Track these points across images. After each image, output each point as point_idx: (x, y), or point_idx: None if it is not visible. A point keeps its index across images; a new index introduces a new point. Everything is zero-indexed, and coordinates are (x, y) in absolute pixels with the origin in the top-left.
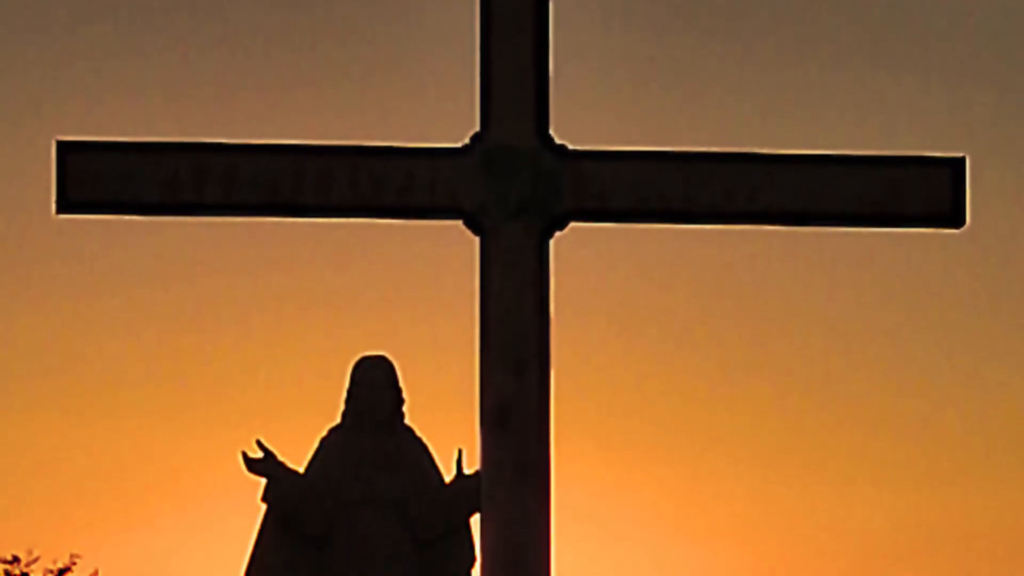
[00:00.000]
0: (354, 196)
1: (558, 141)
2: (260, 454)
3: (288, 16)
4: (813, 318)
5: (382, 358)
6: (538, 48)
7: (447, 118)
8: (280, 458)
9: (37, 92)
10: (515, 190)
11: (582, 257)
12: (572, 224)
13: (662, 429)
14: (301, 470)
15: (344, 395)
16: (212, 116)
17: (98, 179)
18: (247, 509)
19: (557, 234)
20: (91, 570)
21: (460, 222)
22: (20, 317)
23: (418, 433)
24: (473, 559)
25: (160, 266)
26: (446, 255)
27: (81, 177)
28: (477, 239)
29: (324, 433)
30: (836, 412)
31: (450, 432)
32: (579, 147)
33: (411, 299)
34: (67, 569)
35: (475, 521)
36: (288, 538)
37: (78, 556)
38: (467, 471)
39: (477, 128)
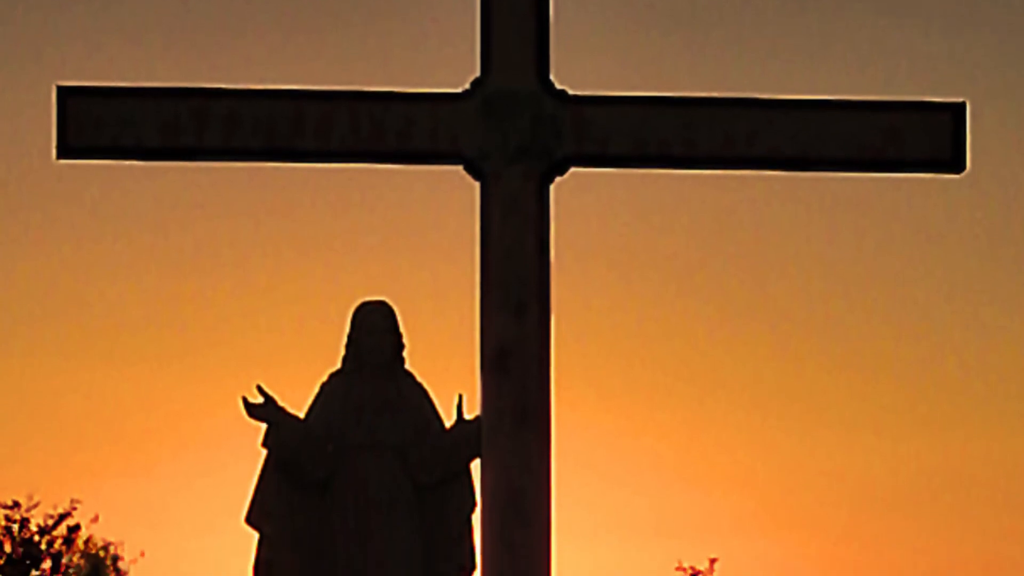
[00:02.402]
0: (354, 141)
1: (558, 86)
2: (260, 399)
3: None
4: (813, 263)
5: (382, 303)
6: None
7: (448, 63)
8: (280, 403)
9: (37, 38)
10: (515, 135)
11: (582, 202)
12: (572, 169)
13: (662, 374)
14: (301, 415)
15: (344, 340)
16: (212, 61)
17: (98, 124)
18: (247, 454)
19: (558, 179)
20: (91, 515)
21: (460, 167)
22: (20, 262)
23: (418, 378)
24: (474, 504)
25: (160, 211)
26: (446, 200)
27: (81, 122)
28: (477, 184)
29: (324, 378)
30: (836, 357)
31: (450, 377)
32: (579, 92)
33: (411, 244)
34: (67, 514)
35: (476, 466)
36: (288, 483)
37: (78, 501)
38: (467, 416)
39: (478, 73)
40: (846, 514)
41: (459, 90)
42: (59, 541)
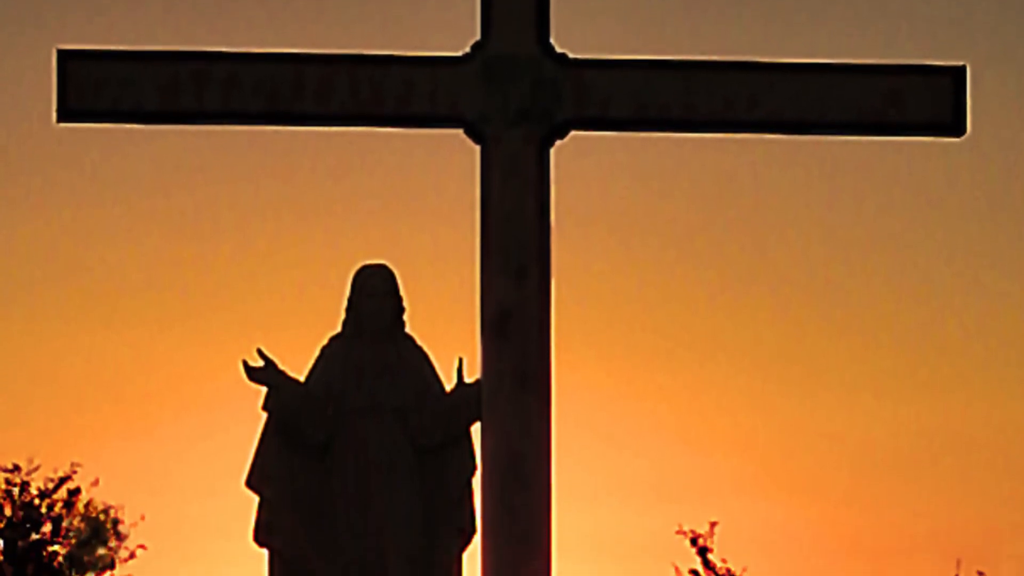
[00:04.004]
0: (354, 104)
1: (559, 50)
2: (261, 363)
3: None
4: (814, 227)
5: (383, 266)
6: None
7: (448, 26)
8: (281, 367)
9: (38, 1)
10: (515, 98)
11: (583, 166)
12: (573, 133)
13: (662, 337)
14: (302, 379)
15: (345, 303)
16: (212, 24)
17: (99, 87)
18: (248, 417)
19: (558, 143)
20: (92, 479)
21: (461, 130)
22: (21, 225)
23: (419, 341)
24: (474, 468)
25: (161, 175)
26: (446, 163)
27: (82, 85)
28: (478, 147)
29: (325, 342)
30: (836, 320)
31: (451, 340)
32: (580, 56)
33: (412, 207)
34: (68, 478)
35: (476, 430)
36: (289, 446)
37: (79, 465)
38: (468, 380)
39: (478, 36)
40: (847, 477)
41: (459, 53)
42: (59, 504)
